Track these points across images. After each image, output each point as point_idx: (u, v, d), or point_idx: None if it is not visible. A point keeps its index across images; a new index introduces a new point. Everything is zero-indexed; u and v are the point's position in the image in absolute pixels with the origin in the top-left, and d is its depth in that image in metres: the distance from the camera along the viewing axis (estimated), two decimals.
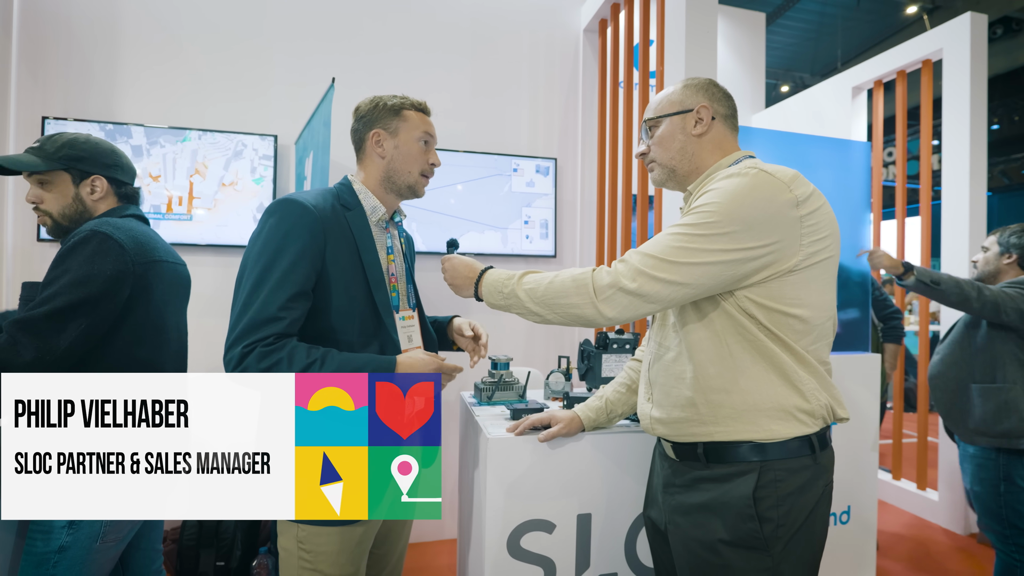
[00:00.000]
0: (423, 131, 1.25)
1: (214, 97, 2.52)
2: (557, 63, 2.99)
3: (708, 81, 1.13)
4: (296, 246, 1.09)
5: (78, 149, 1.28)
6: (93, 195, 1.30)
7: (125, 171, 1.35)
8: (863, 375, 2.09)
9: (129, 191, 1.37)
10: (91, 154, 1.29)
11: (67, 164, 1.27)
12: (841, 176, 2.33)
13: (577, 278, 1.02)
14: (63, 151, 1.27)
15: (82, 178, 1.29)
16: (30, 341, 1.06)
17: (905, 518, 3.14)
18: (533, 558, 1.32)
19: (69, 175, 1.28)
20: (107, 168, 1.31)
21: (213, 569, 2.12)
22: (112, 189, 1.33)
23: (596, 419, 1.36)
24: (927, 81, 3.24)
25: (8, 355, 1.06)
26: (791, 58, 8.77)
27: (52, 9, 2.35)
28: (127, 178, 1.36)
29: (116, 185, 1.33)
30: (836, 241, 1.03)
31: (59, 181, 1.28)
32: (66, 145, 1.27)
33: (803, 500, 0.98)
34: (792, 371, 0.98)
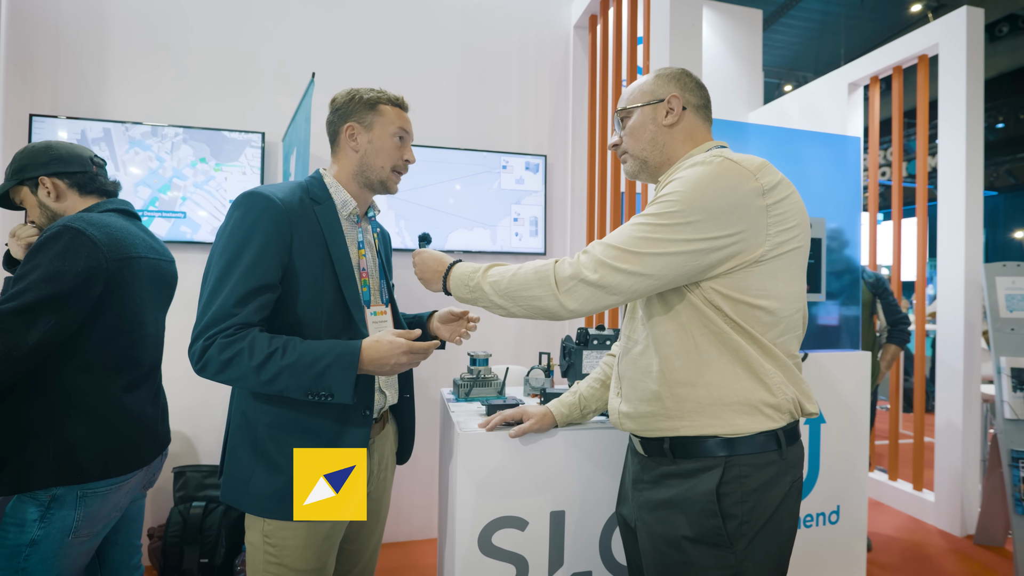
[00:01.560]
0: (398, 127, 1.23)
1: (201, 95, 2.52)
2: (547, 60, 2.98)
3: (680, 71, 1.12)
4: (261, 239, 1.07)
5: (17, 161, 1.30)
6: (50, 196, 1.30)
7: (66, 160, 1.30)
8: (853, 373, 2.06)
9: (83, 180, 1.31)
10: (27, 159, 1.29)
11: (17, 178, 1.29)
12: (833, 171, 2.30)
13: (539, 270, 1.00)
14: (10, 167, 1.30)
15: (35, 185, 1.30)
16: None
17: (900, 519, 3.10)
18: (505, 556, 1.31)
19: (26, 187, 1.30)
20: (44, 166, 1.29)
21: (197, 566, 2.12)
22: (64, 183, 1.30)
23: (569, 415, 1.35)
24: (923, 77, 3.20)
25: None
26: (794, 57, 8.71)
27: (40, 7, 2.36)
28: (73, 167, 1.30)
29: (68, 178, 1.30)
30: (805, 231, 1.01)
31: (25, 195, 1.31)
32: (12, 161, 1.31)
33: (768, 496, 0.96)
34: (758, 364, 0.96)
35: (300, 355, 1.03)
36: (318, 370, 1.03)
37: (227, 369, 1.01)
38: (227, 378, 1.02)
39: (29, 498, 1.15)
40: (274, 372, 1.01)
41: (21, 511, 1.15)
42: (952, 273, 2.98)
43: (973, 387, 2.92)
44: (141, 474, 1.30)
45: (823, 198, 2.28)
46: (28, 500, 1.15)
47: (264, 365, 1.01)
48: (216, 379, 1.03)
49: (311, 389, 1.03)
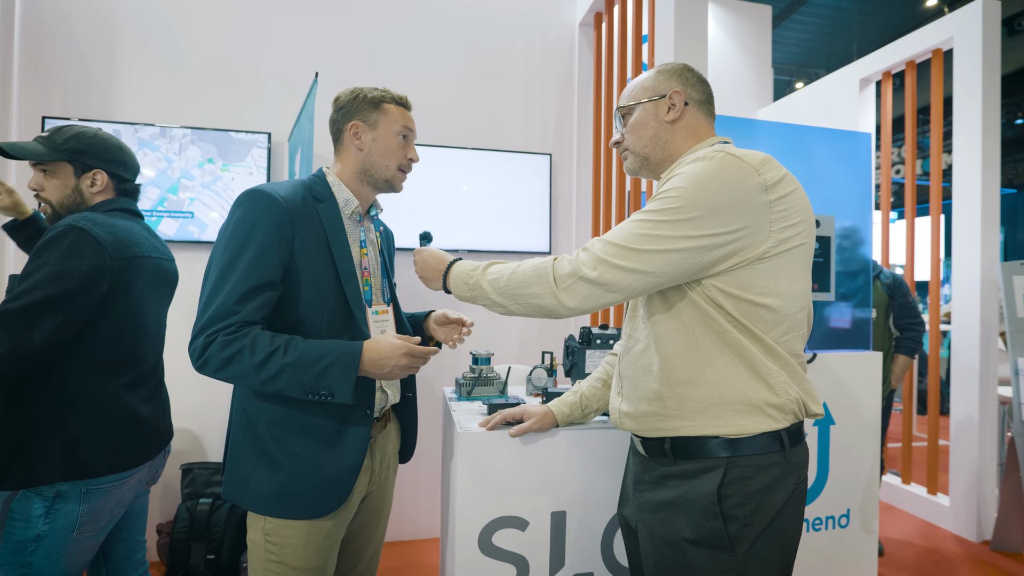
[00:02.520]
0: (402, 125, 1.23)
1: (209, 96, 2.54)
2: (552, 58, 2.96)
3: (682, 66, 1.10)
4: (262, 237, 1.07)
5: (83, 143, 1.30)
6: (93, 188, 1.31)
7: (128, 168, 1.37)
8: (864, 373, 2.02)
9: (130, 187, 1.39)
10: (96, 148, 1.31)
11: (71, 156, 1.29)
12: (843, 168, 2.26)
13: (538, 267, 0.99)
14: (69, 143, 1.29)
15: (84, 171, 1.30)
16: (4, 335, 1.07)
17: (914, 523, 3.04)
18: (506, 556, 1.30)
19: (72, 166, 1.30)
20: (110, 163, 1.33)
21: (204, 562, 2.14)
22: (113, 184, 1.34)
23: (570, 415, 1.33)
24: (938, 71, 3.14)
25: None
26: (806, 54, 8.60)
27: (52, 12, 2.40)
28: (129, 175, 1.38)
29: (117, 180, 1.35)
30: (810, 228, 0.99)
31: (61, 171, 1.30)
32: (73, 138, 1.29)
33: (771, 498, 0.94)
34: (760, 363, 0.95)
35: (301, 354, 1.03)
36: (319, 369, 1.02)
37: (228, 367, 1.01)
38: (227, 375, 1.03)
39: (34, 494, 1.17)
40: (275, 370, 1.01)
41: (27, 506, 1.17)
42: (968, 272, 2.92)
43: (990, 389, 2.86)
44: (144, 470, 1.31)
45: (833, 195, 2.24)
46: (33, 496, 1.17)
47: (265, 363, 1.01)
48: (216, 376, 1.03)
49: (312, 388, 1.03)
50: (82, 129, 1.32)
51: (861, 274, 2.26)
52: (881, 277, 2.78)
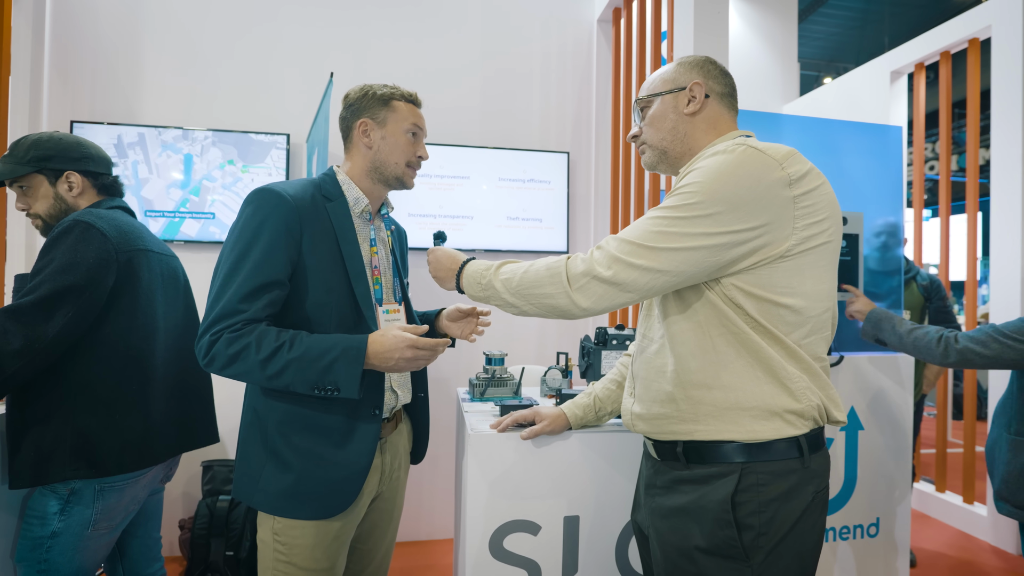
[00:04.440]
0: (412, 123, 1.22)
1: (229, 99, 2.59)
2: (570, 55, 2.93)
3: (704, 58, 1.06)
4: (270, 235, 1.07)
5: (43, 148, 1.27)
6: (71, 191, 1.29)
7: (96, 161, 1.33)
8: (895, 377, 1.94)
9: (106, 182, 1.35)
10: (57, 151, 1.28)
11: (37, 166, 1.26)
12: (872, 163, 2.18)
13: (551, 266, 0.97)
14: (30, 153, 1.26)
15: (56, 176, 1.28)
16: (18, 330, 1.09)
17: (949, 534, 2.91)
18: (517, 560, 1.28)
19: (43, 176, 1.27)
20: (76, 161, 1.29)
21: (223, 558, 2.16)
22: (89, 182, 1.31)
23: (584, 417, 1.30)
24: (974, 62, 3.00)
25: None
26: (834, 48, 8.36)
27: (80, 19, 2.47)
28: (101, 168, 1.33)
29: (92, 177, 1.32)
30: (837, 225, 0.94)
31: (36, 184, 1.28)
32: (32, 147, 1.27)
33: (789, 507, 0.89)
34: (780, 367, 0.90)
35: (307, 349, 1.03)
36: (324, 364, 1.02)
37: (234, 363, 1.02)
38: (234, 372, 1.03)
39: (50, 492, 1.19)
40: (280, 366, 1.01)
41: (42, 504, 1.19)
42: (1007, 272, 2.78)
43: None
44: (159, 467, 1.32)
45: (862, 192, 2.15)
46: (49, 494, 1.19)
47: (271, 359, 1.01)
48: (223, 373, 1.03)
49: (317, 383, 1.02)
50: (37, 136, 1.29)
51: (894, 274, 2.17)
52: (918, 279, 2.67)
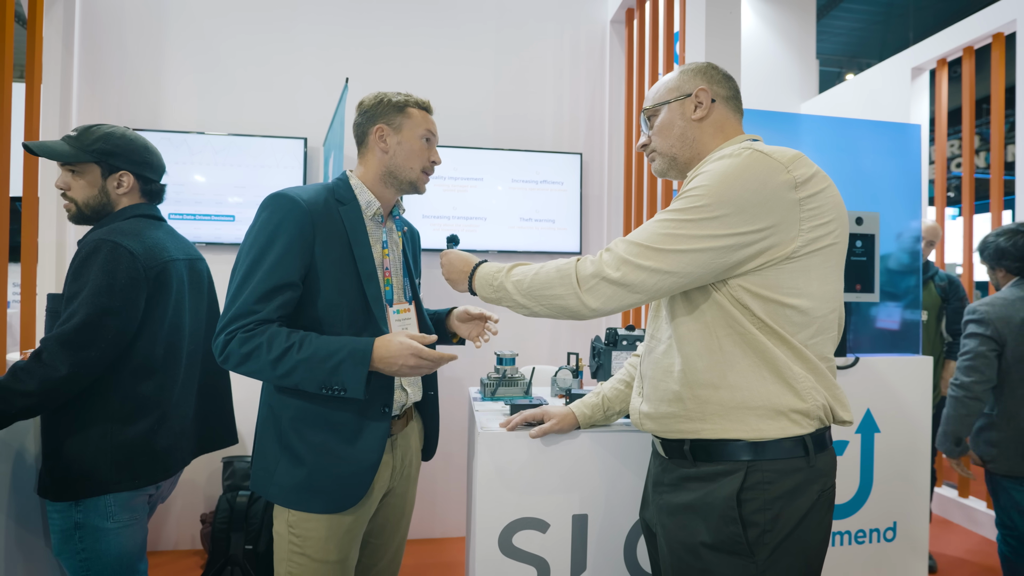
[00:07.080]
0: (425, 128, 1.26)
1: (249, 104, 2.65)
2: (583, 56, 2.93)
3: (706, 64, 1.08)
4: (284, 240, 1.11)
5: (111, 144, 1.29)
6: (119, 189, 1.32)
7: (154, 169, 1.37)
8: (913, 379, 1.91)
9: (154, 188, 1.38)
10: (123, 150, 1.30)
11: (98, 157, 1.28)
12: (891, 162, 2.14)
13: (561, 268, 0.99)
14: (96, 144, 1.28)
15: (111, 172, 1.30)
16: (65, 356, 1.12)
17: (972, 540, 2.85)
18: (526, 557, 1.29)
19: (99, 167, 1.29)
20: (136, 165, 1.32)
21: (242, 552, 2.22)
22: (139, 185, 1.35)
23: (592, 416, 1.31)
24: (999, 57, 2.93)
25: (48, 372, 1.12)
26: (857, 44, 8.21)
27: (106, 26, 2.55)
28: (155, 176, 1.37)
29: (143, 182, 1.35)
30: (843, 227, 0.95)
31: (88, 172, 1.29)
32: (101, 139, 1.29)
33: (794, 505, 0.90)
34: (786, 367, 0.91)
35: (315, 350, 1.06)
36: (331, 365, 1.06)
37: (247, 362, 1.06)
38: (247, 370, 1.07)
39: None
40: (290, 366, 1.05)
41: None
42: None
43: None
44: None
45: (880, 191, 2.12)
46: None
47: (281, 359, 1.05)
48: (237, 371, 1.08)
49: (325, 383, 1.06)
50: (110, 129, 1.31)
51: (911, 274, 2.14)
52: (936, 279, 2.62)
